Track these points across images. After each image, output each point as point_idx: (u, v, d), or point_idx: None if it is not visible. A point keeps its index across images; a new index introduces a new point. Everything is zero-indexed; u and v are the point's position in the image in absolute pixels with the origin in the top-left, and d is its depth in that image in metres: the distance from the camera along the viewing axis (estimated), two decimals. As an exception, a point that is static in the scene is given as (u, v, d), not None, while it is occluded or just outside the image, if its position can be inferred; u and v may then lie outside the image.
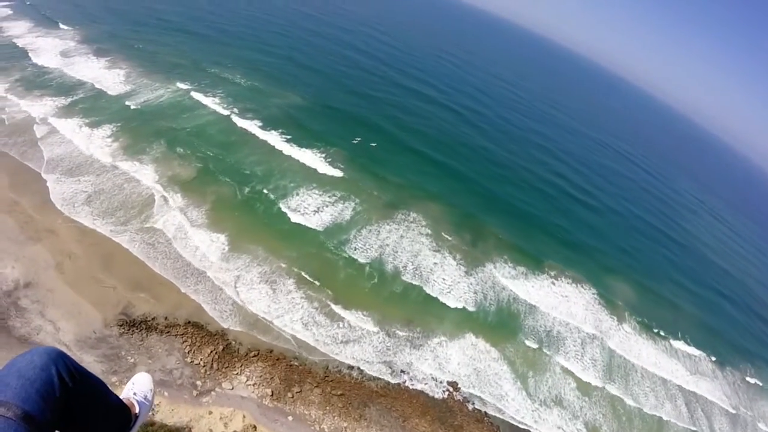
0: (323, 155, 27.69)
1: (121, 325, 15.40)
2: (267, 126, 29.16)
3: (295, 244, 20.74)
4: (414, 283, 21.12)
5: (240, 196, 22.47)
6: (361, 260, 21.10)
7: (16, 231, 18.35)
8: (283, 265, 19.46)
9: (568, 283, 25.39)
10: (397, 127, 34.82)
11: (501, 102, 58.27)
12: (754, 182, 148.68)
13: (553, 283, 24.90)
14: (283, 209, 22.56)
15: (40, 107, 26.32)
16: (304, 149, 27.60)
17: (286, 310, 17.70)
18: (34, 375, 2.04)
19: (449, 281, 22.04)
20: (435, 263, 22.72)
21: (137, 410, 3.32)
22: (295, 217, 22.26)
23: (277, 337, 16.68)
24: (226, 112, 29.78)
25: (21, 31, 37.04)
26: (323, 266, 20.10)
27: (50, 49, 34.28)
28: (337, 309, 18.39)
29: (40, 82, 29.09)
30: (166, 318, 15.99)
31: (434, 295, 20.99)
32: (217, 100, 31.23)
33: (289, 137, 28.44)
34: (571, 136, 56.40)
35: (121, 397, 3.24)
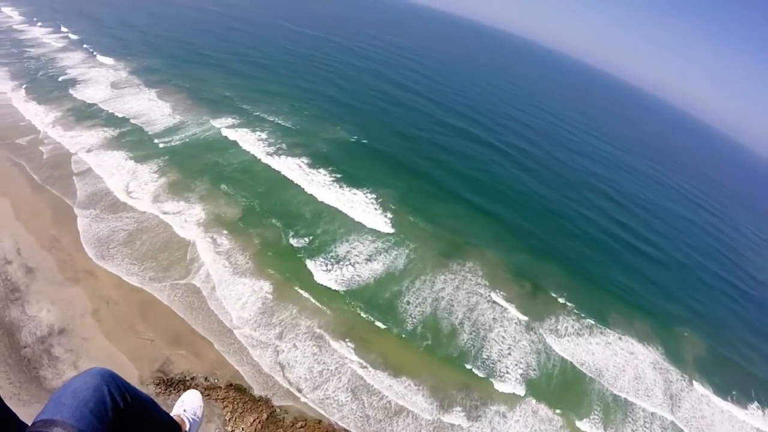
0: (373, 198, 26.80)
1: (158, 384, 14.32)
2: (315, 164, 28.70)
3: (344, 296, 19.50)
4: (471, 342, 19.49)
5: (286, 242, 21.54)
6: (415, 317, 19.66)
7: (55, 271, 17.88)
8: (330, 321, 18.19)
9: (634, 340, 23.39)
10: (445, 171, 33.91)
11: (549, 138, 56.75)
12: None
13: (620, 339, 23.04)
14: (332, 257, 21.51)
15: (87, 139, 26.84)
16: (354, 191, 26.81)
17: (332, 373, 16.30)
18: (87, 395, 2.13)
19: (509, 340, 20.34)
20: (493, 318, 21.10)
21: (188, 427, 3.44)
22: (344, 267, 21.13)
23: (325, 405, 15.20)
24: (272, 149, 29.58)
25: (73, 62, 38.75)
26: (373, 323, 18.72)
27: (100, 80, 35.67)
28: (387, 374, 16.85)
29: (89, 113, 29.82)
30: (206, 378, 14.82)
31: (493, 356, 19.32)
32: (264, 135, 31.24)
33: (337, 176, 27.81)
34: (625, 174, 53.99)
35: (171, 414, 3.37)
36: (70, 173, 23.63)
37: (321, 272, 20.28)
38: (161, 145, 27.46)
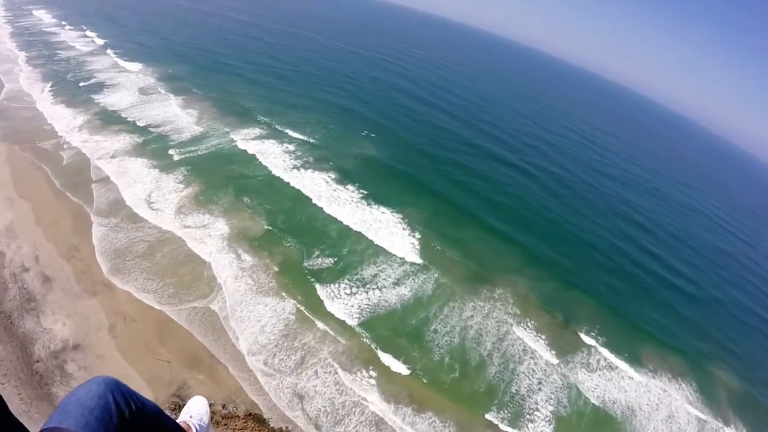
0: (399, 218, 26.18)
1: (173, 410, 13.65)
2: (339, 180, 28.36)
3: (369, 321, 18.75)
4: (500, 376, 18.63)
5: (310, 262, 20.91)
6: (442, 346, 18.86)
7: (72, 281, 17.50)
8: (354, 347, 17.46)
9: (667, 378, 22.44)
10: (471, 194, 33.18)
11: (576, 159, 55.71)
12: None
13: (652, 376, 22.09)
14: (357, 279, 20.82)
15: (111, 144, 27.01)
16: (379, 210, 26.28)
17: (355, 405, 15.53)
18: (92, 403, 2.15)
19: (539, 374, 19.48)
20: (523, 350, 20.26)
21: None
22: (370, 290, 20.41)
23: (348, 441, 14.43)
24: (298, 162, 29.40)
25: (100, 67, 39.40)
26: (399, 353, 17.90)
27: (126, 86, 36.29)
28: (412, 409, 16.01)
29: (114, 118, 30.10)
30: (224, 406, 14.14)
31: (522, 390, 18.46)
32: (288, 148, 31.14)
33: (363, 193, 27.40)
34: (654, 198, 52.30)
35: (177, 421, 3.43)
36: (92, 179, 23.51)
37: (345, 295, 19.60)
38: (186, 155, 27.37)
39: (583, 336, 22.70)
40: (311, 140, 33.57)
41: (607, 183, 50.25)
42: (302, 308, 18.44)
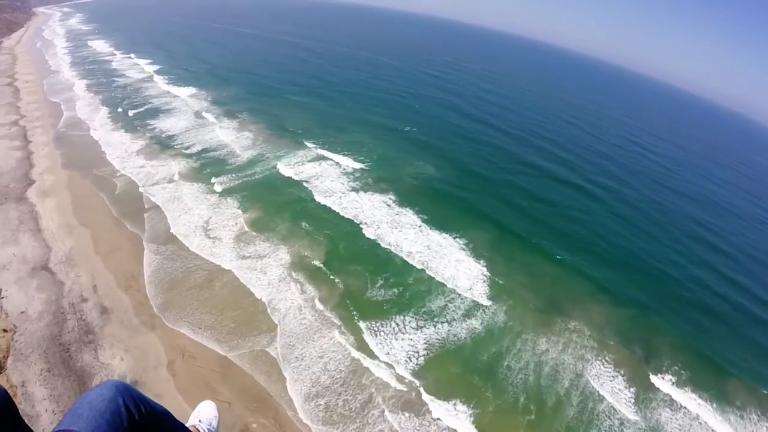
0: (463, 244, 24.86)
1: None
2: (401, 203, 27.60)
3: (438, 358, 17.47)
4: (578, 417, 17.02)
5: (374, 292, 20.00)
6: (516, 385, 17.33)
7: (131, 313, 17.23)
8: (422, 385, 16.23)
9: (755, 416, 20.16)
10: (534, 220, 31.11)
11: (642, 175, 51.54)
12: None
13: (740, 416, 19.93)
14: (424, 312, 19.64)
15: (167, 170, 27.65)
16: (441, 236, 25.09)
17: (426, 449, 14.18)
18: (103, 406, 2.17)
19: (620, 414, 17.73)
20: (602, 387, 18.50)
21: None
22: (438, 324, 19.20)
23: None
24: (355, 184, 28.88)
25: (153, 93, 40.96)
26: (471, 392, 16.50)
27: (180, 111, 37.56)
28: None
29: (169, 144, 30.81)
30: (289, 455, 13.12)
31: (603, 432, 16.73)
32: (347, 170, 30.83)
33: (423, 218, 26.35)
34: (730, 216, 46.47)
35: (186, 425, 3.40)
36: (149, 207, 23.72)
37: (412, 330, 18.38)
38: (241, 180, 27.44)
39: (664, 373, 20.75)
40: (365, 162, 33.00)
41: (675, 200, 46.60)
42: (366, 344, 17.36)
